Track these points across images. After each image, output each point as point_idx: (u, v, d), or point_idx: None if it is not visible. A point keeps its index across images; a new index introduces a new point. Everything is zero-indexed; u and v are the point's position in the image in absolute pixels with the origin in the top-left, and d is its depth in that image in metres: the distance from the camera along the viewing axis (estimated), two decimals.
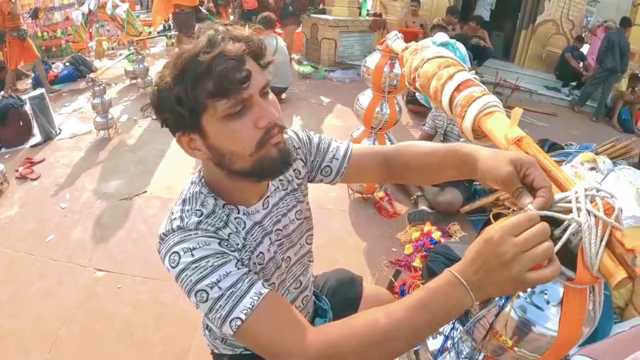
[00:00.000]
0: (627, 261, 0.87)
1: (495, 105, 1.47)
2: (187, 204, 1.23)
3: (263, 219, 1.37)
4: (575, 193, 0.97)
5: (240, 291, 1.08)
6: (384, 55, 3.30)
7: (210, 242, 1.14)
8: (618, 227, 0.91)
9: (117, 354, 2.62)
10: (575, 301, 1.03)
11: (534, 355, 1.10)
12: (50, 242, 3.62)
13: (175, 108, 1.08)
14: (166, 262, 1.14)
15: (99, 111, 5.41)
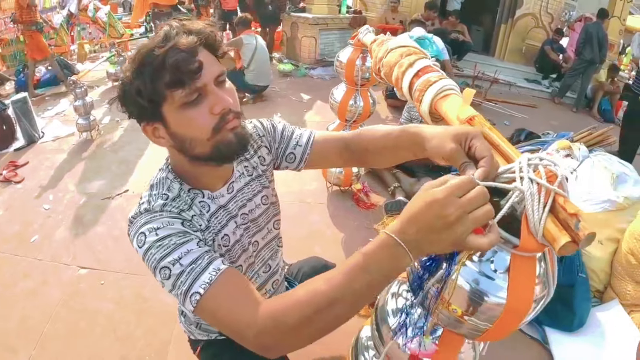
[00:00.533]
0: (570, 226, 0.88)
1: (451, 89, 1.54)
2: (154, 189, 1.31)
3: (228, 203, 1.44)
4: (519, 163, 1.00)
5: (200, 267, 1.12)
6: (355, 49, 3.37)
7: (173, 222, 1.21)
8: (561, 193, 0.93)
9: (101, 349, 2.66)
10: (522, 269, 1.04)
11: (485, 324, 1.09)
12: (35, 242, 3.66)
13: (137, 100, 1.16)
14: (134, 244, 1.20)
15: (80, 113, 5.44)
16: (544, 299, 1.11)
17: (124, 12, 15.08)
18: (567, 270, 2.91)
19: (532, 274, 1.04)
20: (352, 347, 1.85)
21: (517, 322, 1.09)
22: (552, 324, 2.94)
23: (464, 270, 1.08)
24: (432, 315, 1.20)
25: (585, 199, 3.31)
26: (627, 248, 3.04)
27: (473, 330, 1.13)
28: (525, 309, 1.06)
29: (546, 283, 1.09)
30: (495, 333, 1.12)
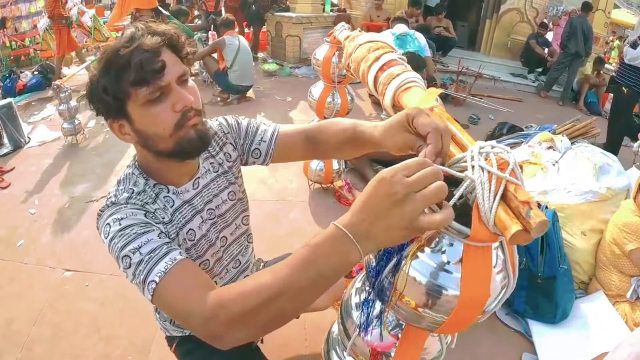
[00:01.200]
0: (522, 214, 0.87)
1: (413, 81, 1.54)
2: (121, 184, 1.37)
3: (193, 198, 1.49)
4: (470, 152, 0.99)
5: (157, 256, 1.16)
6: (332, 47, 3.38)
7: (136, 213, 1.27)
8: (512, 180, 0.91)
9: (85, 349, 2.69)
10: (477, 259, 1.01)
11: (441, 316, 1.08)
12: (21, 247, 3.67)
13: (103, 97, 1.22)
14: (102, 236, 1.25)
15: (65, 117, 5.44)
16: (505, 290, 1.10)
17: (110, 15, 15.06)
18: (548, 262, 2.93)
19: (487, 264, 1.02)
20: (324, 342, 1.86)
21: (474, 312, 1.08)
22: (534, 317, 2.96)
23: (417, 262, 1.07)
24: (388, 308, 1.19)
25: (568, 190, 3.34)
26: (611, 238, 3.06)
27: (431, 323, 1.12)
28: (481, 299, 1.04)
29: (506, 272, 1.08)
30: (453, 325, 1.10)
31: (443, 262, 1.05)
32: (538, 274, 2.92)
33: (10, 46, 9.33)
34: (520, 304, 2.98)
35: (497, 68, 10.48)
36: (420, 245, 1.07)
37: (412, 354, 1.36)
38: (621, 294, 2.99)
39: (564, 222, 3.22)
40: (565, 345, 2.77)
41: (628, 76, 6.15)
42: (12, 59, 9.41)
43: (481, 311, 1.08)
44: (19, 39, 9.51)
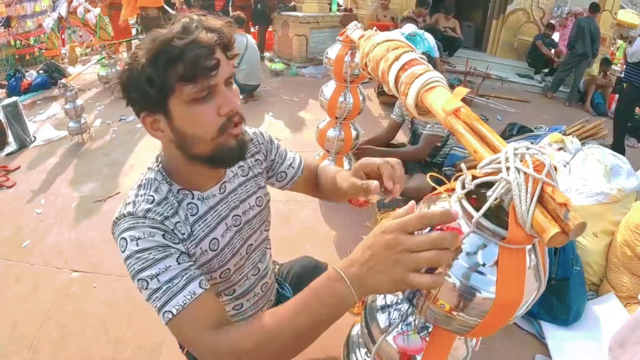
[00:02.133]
0: (560, 216, 0.86)
1: (437, 81, 1.51)
2: (141, 189, 1.30)
3: (218, 204, 1.43)
4: (505, 153, 0.98)
5: (177, 287, 1.15)
6: (344, 46, 3.38)
7: (154, 233, 1.21)
8: (549, 182, 0.91)
9: (93, 352, 2.67)
10: (512, 262, 1.00)
11: (475, 319, 1.06)
12: (27, 247, 3.65)
13: (145, 88, 1.13)
14: (117, 246, 1.21)
15: (71, 116, 5.44)
16: (536, 293, 1.08)
17: None
18: (561, 263, 2.92)
19: (522, 267, 1.01)
20: (343, 345, 1.85)
21: (507, 316, 1.07)
22: (548, 318, 2.95)
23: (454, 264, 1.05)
24: (419, 311, 1.17)
25: (579, 192, 3.33)
26: (622, 239, 3.06)
27: (463, 326, 1.11)
28: (515, 302, 1.03)
29: (537, 276, 1.07)
30: (485, 328, 1.09)
31: (478, 263, 1.03)
32: (551, 275, 2.92)
33: (15, 45, 9.35)
34: (534, 306, 2.93)
35: (503, 68, 10.46)
36: (458, 248, 1.04)
37: (439, 357, 1.34)
38: (632, 295, 2.99)
39: None
40: (579, 347, 2.77)
41: (630, 73, 6.45)
42: (16, 58, 9.43)
43: (515, 314, 1.06)
44: (23, 37, 9.50)
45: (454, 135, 1.23)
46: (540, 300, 2.78)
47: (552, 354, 2.75)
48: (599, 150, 3.67)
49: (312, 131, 4.03)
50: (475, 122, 1.18)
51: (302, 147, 4.82)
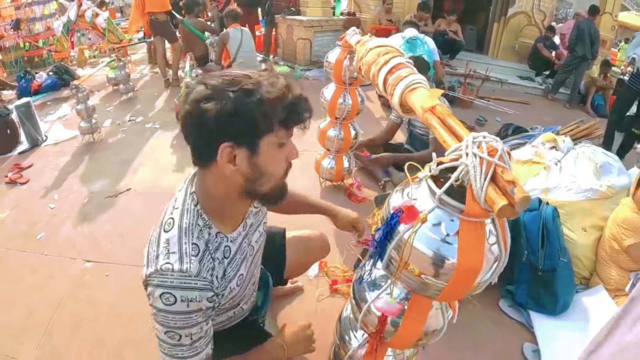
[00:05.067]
0: (507, 191, 1.07)
1: (419, 83, 1.73)
2: (185, 235, 1.39)
3: (242, 241, 1.62)
4: (465, 142, 1.20)
5: (200, 348, 1.44)
6: (343, 50, 3.52)
7: (203, 296, 1.36)
8: (500, 164, 1.12)
9: (105, 335, 2.77)
10: (471, 233, 1.19)
11: (441, 282, 1.26)
12: (41, 239, 3.75)
13: (249, 121, 1.25)
14: (157, 294, 1.31)
15: (83, 116, 5.56)
16: (498, 263, 1.26)
17: (122, 18, 15.20)
18: (548, 255, 3.03)
19: (481, 238, 1.20)
20: (336, 323, 2.11)
21: (470, 281, 1.24)
22: (536, 308, 3.05)
23: (421, 234, 1.24)
24: (394, 276, 1.37)
25: (569, 188, 3.44)
26: (610, 234, 3.16)
27: (433, 290, 1.30)
28: (475, 268, 1.20)
29: (498, 247, 1.26)
30: (452, 292, 1.28)
31: (443, 234, 1.22)
32: (539, 266, 3.02)
33: (24, 47, 9.45)
34: (522, 296, 3.09)
35: (504, 71, 10.53)
36: (422, 219, 1.23)
37: (417, 322, 1.53)
38: (620, 288, 3.08)
39: (564, 219, 3.31)
40: (565, 336, 2.85)
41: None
42: (25, 60, 9.52)
43: (476, 280, 1.24)
44: (32, 40, 9.61)
45: (429, 128, 1.43)
46: (529, 290, 2.95)
47: (539, 342, 2.84)
48: (591, 149, 3.79)
49: (314, 131, 4.17)
50: (447, 117, 1.40)
51: (304, 146, 4.91)
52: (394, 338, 1.57)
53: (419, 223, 1.24)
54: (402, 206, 1.30)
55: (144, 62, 10.51)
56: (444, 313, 1.65)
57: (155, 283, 1.33)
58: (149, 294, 1.35)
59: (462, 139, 1.27)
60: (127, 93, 7.59)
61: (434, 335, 1.63)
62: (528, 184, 3.66)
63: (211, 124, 1.25)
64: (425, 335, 1.59)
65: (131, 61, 9.66)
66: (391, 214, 1.32)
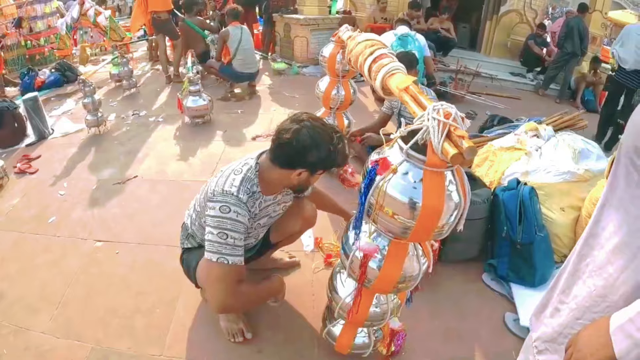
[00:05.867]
0: (458, 144, 1.39)
1: (397, 69, 2.07)
2: (244, 183, 2.19)
3: (270, 205, 2.45)
4: (427, 109, 1.50)
5: (238, 251, 2.12)
6: (336, 45, 3.80)
7: (246, 215, 2.16)
8: (453, 124, 1.43)
9: (116, 305, 2.97)
10: (433, 179, 1.50)
11: (410, 221, 1.57)
12: (53, 222, 3.92)
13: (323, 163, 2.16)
14: (217, 206, 2.11)
15: (89, 110, 5.74)
16: (459, 209, 1.59)
17: (120, 16, 15.36)
18: (526, 230, 3.23)
19: (441, 183, 1.51)
20: (329, 279, 2.40)
21: (434, 221, 1.55)
22: (516, 280, 3.27)
23: (393, 181, 1.56)
24: (372, 220, 1.71)
25: (547, 171, 3.65)
26: (587, 213, 3.34)
27: (405, 229, 1.61)
28: (438, 210, 1.52)
29: (458, 194, 1.57)
30: (420, 230, 1.58)
31: (411, 181, 1.53)
32: (517, 240, 3.23)
33: (25, 45, 9.58)
34: (503, 269, 3.31)
35: (496, 68, 10.75)
36: (393, 170, 1.55)
37: (396, 265, 1.83)
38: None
39: (543, 199, 3.53)
40: None
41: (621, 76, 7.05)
42: (27, 58, 9.67)
43: (439, 221, 1.55)
44: (34, 38, 9.73)
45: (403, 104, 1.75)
46: (510, 264, 3.22)
47: (518, 309, 3.05)
48: (571, 137, 4.00)
49: None
50: (418, 94, 1.73)
51: None
52: (376, 281, 1.87)
53: (390, 173, 1.54)
54: (377, 159, 1.61)
55: (145, 59, 10.71)
56: (420, 259, 1.93)
57: (218, 199, 2.11)
58: (211, 207, 2.12)
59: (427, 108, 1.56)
60: (130, 89, 7.77)
61: (411, 280, 1.92)
62: (509, 168, 3.86)
63: (305, 157, 2.10)
64: (404, 280, 1.88)
65: (133, 58, 9.82)
66: (370, 168, 1.63)
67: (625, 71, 6.89)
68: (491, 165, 4.06)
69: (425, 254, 1.97)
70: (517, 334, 2.90)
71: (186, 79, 6.14)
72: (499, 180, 3.85)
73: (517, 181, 3.48)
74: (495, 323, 3.01)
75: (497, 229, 3.36)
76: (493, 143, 4.37)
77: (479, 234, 3.43)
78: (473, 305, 3.14)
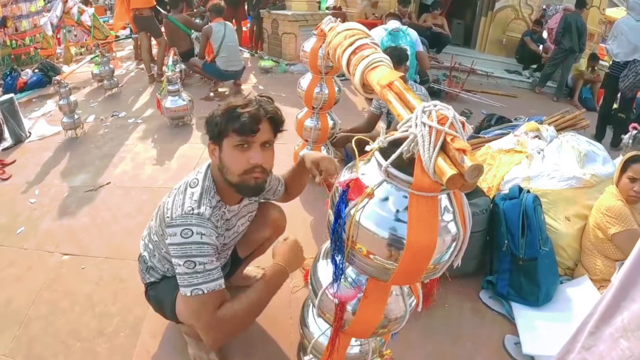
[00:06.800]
0: (457, 160, 0.98)
1: (380, 61, 1.67)
2: (204, 195, 1.97)
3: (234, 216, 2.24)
4: (415, 112, 1.11)
5: (212, 276, 1.84)
6: (319, 39, 3.51)
7: (212, 234, 1.89)
8: (451, 132, 1.03)
9: (80, 326, 2.77)
10: (421, 208, 1.10)
11: (390, 263, 1.17)
12: (21, 233, 3.75)
13: (214, 127, 1.91)
14: (178, 231, 1.84)
15: (65, 112, 5.53)
16: (456, 242, 1.19)
17: (110, 15, 15.16)
18: (529, 244, 2.98)
19: (432, 212, 1.11)
20: (300, 310, 2.10)
21: (423, 260, 1.16)
22: (518, 299, 3.01)
23: (368, 211, 1.18)
24: (345, 259, 1.31)
25: (551, 177, 3.42)
26: (594, 223, 3.12)
27: (385, 272, 1.22)
28: (428, 246, 1.12)
29: (455, 226, 1.19)
30: (404, 273, 1.20)
31: (392, 210, 1.15)
32: (520, 255, 2.98)
33: (10, 45, 9.37)
34: (503, 286, 3.04)
35: (492, 65, 10.56)
36: (368, 194, 1.18)
37: (375, 308, 1.47)
38: (606, 278, 3.03)
39: (547, 208, 3.29)
40: (548, 328, 2.80)
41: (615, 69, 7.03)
42: (12, 58, 9.46)
43: (430, 260, 1.16)
44: (19, 37, 9.53)
45: (386, 104, 1.39)
46: (510, 280, 2.93)
47: (520, 333, 2.78)
48: (575, 138, 3.76)
49: (292, 123, 4.17)
50: (404, 91, 1.32)
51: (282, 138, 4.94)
52: (352, 326, 1.51)
53: (365, 198, 1.18)
54: (348, 181, 1.24)
55: (131, 58, 10.50)
56: (405, 299, 1.57)
57: (178, 223, 1.85)
58: (170, 234, 1.85)
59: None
60: (112, 89, 7.57)
61: (396, 323, 1.56)
62: (510, 172, 3.63)
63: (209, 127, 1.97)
64: (388, 323, 1.53)
65: (116, 57, 9.61)
66: (340, 192, 1.26)
67: (618, 64, 6.95)
68: (489, 169, 3.83)
69: (413, 291, 1.63)
70: None
71: (165, 78, 5.98)
72: (497, 186, 3.62)
73: (519, 189, 3.22)
74: (494, 347, 2.79)
75: (497, 243, 3.12)
76: (491, 145, 4.16)
77: (476, 247, 3.17)
78: (469, 327, 2.91)
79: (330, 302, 1.53)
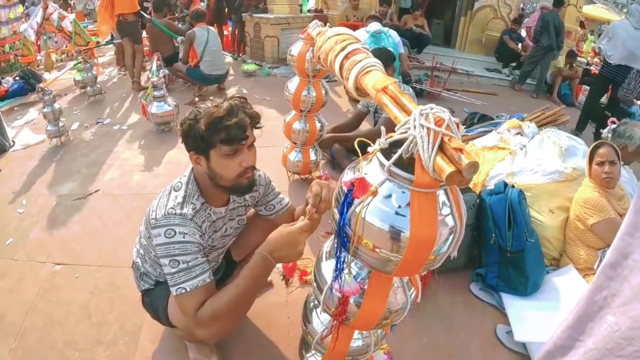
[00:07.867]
0: (455, 159, 1.09)
1: (373, 65, 1.77)
2: (187, 198, 2.02)
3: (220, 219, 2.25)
4: (413, 114, 1.22)
5: (196, 273, 1.87)
6: (306, 43, 3.55)
7: (195, 232, 1.95)
8: (447, 133, 1.15)
9: (77, 336, 2.74)
10: (422, 203, 1.20)
11: (395, 255, 1.27)
12: (10, 244, 3.70)
13: (197, 140, 1.88)
14: (162, 231, 1.90)
15: (50, 119, 5.48)
16: (453, 235, 1.29)
17: (89, 21, 15.05)
18: (516, 236, 3.09)
19: (432, 207, 1.22)
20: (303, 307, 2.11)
21: (425, 252, 1.25)
22: (507, 290, 3.11)
23: (373, 207, 1.27)
24: (350, 253, 1.41)
25: (534, 171, 3.51)
26: (574, 215, 3.25)
27: (390, 264, 1.32)
28: (429, 239, 1.22)
29: (453, 219, 1.28)
30: (408, 265, 1.29)
31: (395, 206, 1.24)
32: (507, 247, 3.08)
33: None
34: (493, 278, 3.15)
35: (472, 64, 10.69)
36: (372, 192, 1.26)
37: (379, 301, 1.54)
38: (589, 266, 3.15)
39: (531, 201, 3.39)
40: (537, 316, 2.90)
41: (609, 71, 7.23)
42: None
43: (431, 252, 1.26)
44: None
45: (381, 107, 1.46)
46: (499, 272, 3.01)
47: (511, 322, 2.88)
48: (555, 134, 3.88)
49: (280, 126, 4.20)
50: (399, 95, 1.41)
51: (271, 141, 4.96)
52: (356, 319, 1.59)
53: (369, 196, 1.26)
54: (353, 180, 1.33)
55: (112, 64, 10.44)
56: (406, 290, 1.66)
57: (162, 224, 1.90)
58: (156, 235, 1.90)
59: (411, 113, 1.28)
60: (95, 95, 7.52)
61: (397, 314, 1.65)
62: (494, 169, 3.71)
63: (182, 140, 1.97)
64: (389, 314, 1.61)
65: (98, 63, 9.55)
66: (345, 192, 1.34)
67: (611, 66, 7.08)
68: None
69: (412, 283, 1.71)
70: (511, 348, 2.78)
71: (150, 84, 5.95)
72: (483, 182, 3.71)
73: (504, 184, 3.32)
74: (487, 336, 2.88)
75: (484, 236, 3.21)
76: (475, 142, 4.24)
77: (465, 242, 3.18)
78: (462, 318, 2.99)
79: (336, 297, 1.60)
